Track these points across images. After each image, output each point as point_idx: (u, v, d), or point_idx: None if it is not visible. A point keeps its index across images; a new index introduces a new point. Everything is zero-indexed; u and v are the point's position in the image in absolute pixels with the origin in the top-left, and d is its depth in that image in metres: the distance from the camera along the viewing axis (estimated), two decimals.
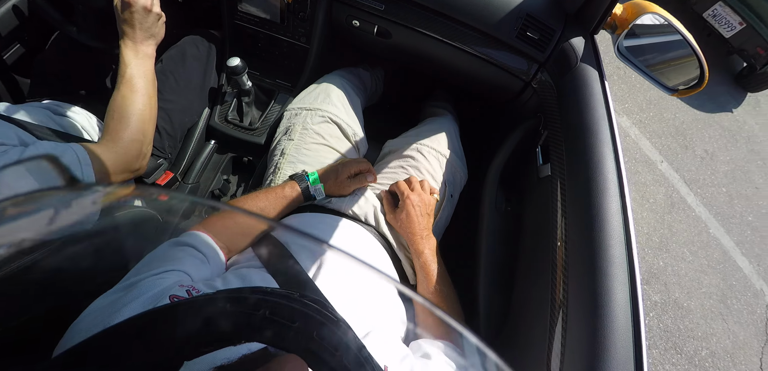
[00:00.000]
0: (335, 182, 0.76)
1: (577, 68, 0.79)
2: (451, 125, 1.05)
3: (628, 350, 0.49)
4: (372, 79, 1.24)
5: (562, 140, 0.74)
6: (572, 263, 0.59)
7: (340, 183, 0.76)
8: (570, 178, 0.68)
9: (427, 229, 0.75)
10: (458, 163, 0.94)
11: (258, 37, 1.09)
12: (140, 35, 0.73)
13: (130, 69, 0.71)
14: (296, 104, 0.92)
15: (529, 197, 0.88)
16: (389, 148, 0.97)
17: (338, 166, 0.79)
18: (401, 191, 0.77)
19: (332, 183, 0.76)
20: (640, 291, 0.53)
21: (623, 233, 0.58)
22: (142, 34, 0.74)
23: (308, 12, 0.99)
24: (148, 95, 0.73)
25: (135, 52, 0.73)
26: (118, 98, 0.69)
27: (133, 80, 0.71)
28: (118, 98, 0.69)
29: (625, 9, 0.78)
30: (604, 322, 0.51)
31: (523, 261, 0.82)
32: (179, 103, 0.99)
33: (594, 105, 0.73)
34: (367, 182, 0.80)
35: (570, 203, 0.66)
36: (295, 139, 0.86)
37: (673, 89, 0.81)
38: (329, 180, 0.76)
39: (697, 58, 0.74)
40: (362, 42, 1.07)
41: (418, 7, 0.90)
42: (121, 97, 0.69)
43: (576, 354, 0.51)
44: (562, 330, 0.55)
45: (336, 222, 0.73)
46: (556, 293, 0.60)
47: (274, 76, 1.12)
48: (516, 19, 0.85)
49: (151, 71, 0.75)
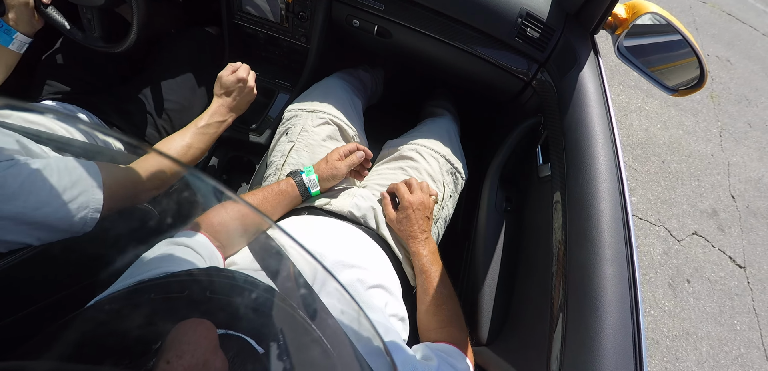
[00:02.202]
0: (327, 167, 0.76)
1: (576, 68, 0.79)
2: (451, 125, 1.05)
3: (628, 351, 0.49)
4: (372, 80, 1.24)
5: (562, 140, 0.74)
6: (572, 264, 0.59)
7: (332, 166, 0.76)
8: (570, 178, 0.68)
9: (427, 231, 0.75)
10: (458, 163, 0.94)
11: (258, 36, 1.09)
12: (232, 104, 0.82)
13: (206, 121, 0.78)
14: (296, 106, 0.92)
15: (529, 197, 0.88)
16: (389, 148, 0.97)
17: (327, 154, 0.79)
18: (401, 193, 0.76)
19: (324, 168, 0.76)
20: (640, 292, 0.53)
21: (623, 234, 0.58)
22: (233, 104, 0.82)
23: (308, 12, 0.99)
24: (200, 152, 0.78)
25: (220, 114, 0.81)
26: (186, 136, 0.75)
27: (201, 136, 0.78)
28: (187, 137, 0.75)
29: (625, 9, 0.78)
30: (604, 324, 0.50)
31: (523, 262, 0.82)
32: (179, 103, 0.99)
33: (594, 105, 0.73)
34: (358, 160, 0.79)
35: (570, 204, 0.66)
36: (294, 140, 0.85)
37: (673, 89, 0.81)
38: (321, 167, 0.76)
39: (697, 58, 0.74)
40: (362, 42, 1.07)
41: (418, 7, 0.90)
42: (185, 138, 0.75)
43: (576, 355, 0.51)
44: (562, 331, 0.55)
45: (334, 224, 0.72)
46: (556, 294, 0.60)
47: (274, 76, 1.12)
48: (516, 19, 0.85)
49: (217, 136, 0.81)
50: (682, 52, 0.76)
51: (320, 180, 0.75)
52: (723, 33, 3.66)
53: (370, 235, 0.75)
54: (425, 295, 0.70)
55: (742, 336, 1.92)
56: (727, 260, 2.17)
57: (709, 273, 2.08)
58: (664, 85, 0.82)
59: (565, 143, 0.73)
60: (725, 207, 2.39)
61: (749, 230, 2.33)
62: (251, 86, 0.84)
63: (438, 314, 0.67)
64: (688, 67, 0.77)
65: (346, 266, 0.61)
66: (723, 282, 2.07)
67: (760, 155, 2.75)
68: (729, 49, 3.50)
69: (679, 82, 0.80)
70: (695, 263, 2.09)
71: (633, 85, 2.78)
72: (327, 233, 0.69)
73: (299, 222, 0.72)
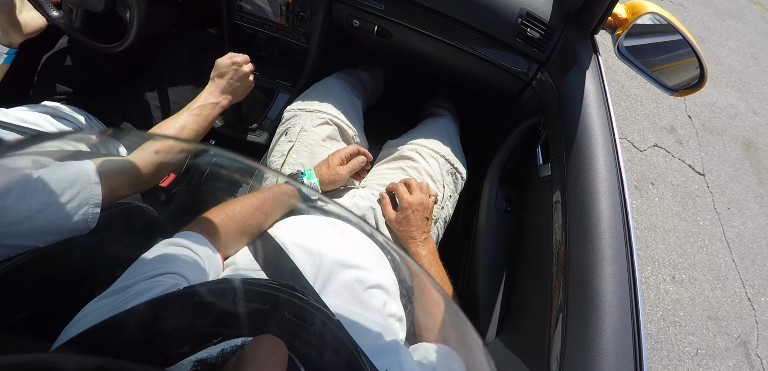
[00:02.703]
0: (328, 171, 0.76)
1: (576, 68, 0.79)
2: (451, 125, 1.05)
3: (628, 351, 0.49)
4: (372, 80, 1.24)
5: (562, 140, 0.74)
6: (572, 265, 0.59)
7: (334, 172, 0.76)
8: (570, 178, 0.68)
9: (426, 232, 0.75)
10: (458, 163, 0.94)
11: (257, 36, 1.09)
12: (225, 86, 0.81)
13: (200, 103, 0.77)
14: (295, 105, 0.92)
15: (529, 197, 0.87)
16: (389, 148, 0.96)
17: (328, 157, 0.79)
18: (400, 193, 0.76)
19: (326, 173, 0.76)
20: (640, 292, 0.53)
21: (623, 234, 0.58)
22: (226, 86, 0.81)
23: (308, 12, 0.98)
24: (195, 134, 0.76)
25: (214, 96, 0.80)
26: (180, 118, 0.74)
27: (196, 117, 0.76)
28: (181, 119, 0.74)
29: (625, 9, 0.78)
30: (604, 324, 0.50)
31: (523, 262, 0.82)
32: (179, 102, 0.99)
33: (594, 105, 0.73)
34: (359, 164, 0.79)
35: (570, 204, 0.66)
36: (293, 140, 0.85)
37: (673, 89, 0.81)
38: (322, 171, 0.76)
39: (697, 58, 0.74)
40: (362, 42, 1.07)
41: (418, 7, 0.90)
42: (179, 119, 0.74)
43: (576, 355, 0.51)
44: (562, 331, 0.55)
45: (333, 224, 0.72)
46: (556, 294, 0.60)
47: (274, 76, 1.12)
48: (516, 19, 0.85)
49: (212, 119, 0.80)
50: (682, 52, 0.76)
51: (321, 184, 0.75)
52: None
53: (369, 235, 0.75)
54: (422, 296, 0.70)
55: (706, 231, 2.16)
56: (687, 168, 2.41)
57: (671, 178, 2.31)
58: (664, 85, 0.82)
59: (565, 143, 0.73)
60: (683, 125, 2.63)
61: (706, 145, 2.57)
62: (246, 72, 0.83)
63: (435, 314, 0.67)
64: (688, 67, 0.77)
65: (345, 266, 0.61)
66: (684, 185, 2.32)
67: (713, 84, 3.01)
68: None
69: (679, 81, 0.80)
70: (658, 170, 2.33)
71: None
72: (326, 232, 0.69)
73: (298, 222, 0.72)
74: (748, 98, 2.99)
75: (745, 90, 3.03)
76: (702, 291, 1.94)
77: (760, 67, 3.21)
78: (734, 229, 2.21)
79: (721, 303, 1.93)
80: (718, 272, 2.03)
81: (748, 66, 3.19)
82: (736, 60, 3.23)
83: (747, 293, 2.01)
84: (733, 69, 3.15)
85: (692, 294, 1.92)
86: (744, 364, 1.79)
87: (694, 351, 1.76)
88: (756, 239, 2.21)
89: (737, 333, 1.86)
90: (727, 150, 2.58)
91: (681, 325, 1.82)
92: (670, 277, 1.94)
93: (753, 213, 2.32)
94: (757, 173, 2.53)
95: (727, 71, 3.13)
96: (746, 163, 2.56)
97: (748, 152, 2.63)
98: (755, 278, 2.07)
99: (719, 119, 2.77)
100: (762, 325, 1.92)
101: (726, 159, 2.53)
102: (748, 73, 3.15)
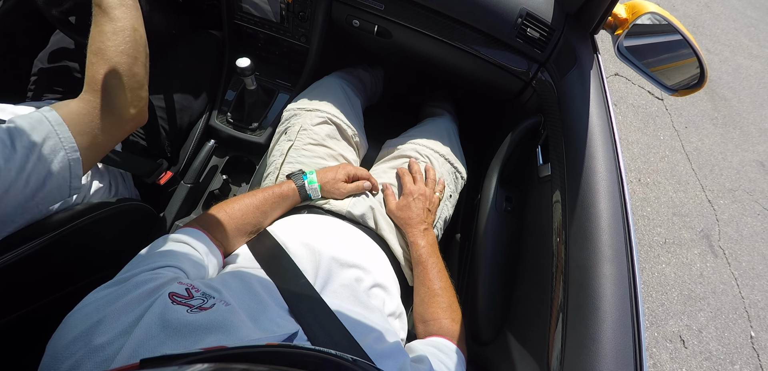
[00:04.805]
0: (332, 183, 0.76)
1: (576, 68, 0.79)
2: (451, 125, 1.05)
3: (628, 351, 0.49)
4: (372, 79, 1.24)
5: (562, 140, 0.74)
6: (572, 264, 0.59)
7: (337, 184, 0.76)
8: (570, 178, 0.68)
9: (426, 222, 0.75)
10: (458, 163, 0.94)
11: (258, 36, 1.09)
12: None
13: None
14: (295, 105, 0.92)
15: (529, 197, 0.87)
16: (389, 148, 0.97)
17: (337, 167, 0.78)
18: (404, 180, 0.76)
19: (329, 184, 0.76)
20: (640, 292, 0.53)
21: (623, 234, 0.58)
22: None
23: (308, 12, 0.99)
24: (132, 26, 0.60)
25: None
26: (95, 34, 0.58)
27: (111, 10, 0.59)
28: (95, 34, 0.58)
29: (625, 9, 0.78)
30: (604, 324, 0.50)
31: (524, 261, 0.81)
32: (179, 102, 0.99)
33: (594, 105, 0.73)
34: (364, 189, 0.79)
35: (570, 204, 0.66)
36: (293, 139, 0.85)
37: (673, 89, 0.81)
38: (326, 180, 0.76)
39: (697, 58, 0.74)
40: (362, 42, 1.07)
41: (418, 7, 0.90)
42: (98, 32, 0.57)
43: (576, 355, 0.51)
44: (562, 331, 0.55)
45: (333, 223, 0.72)
46: (556, 294, 0.60)
47: (273, 76, 1.12)
48: (516, 19, 0.85)
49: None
50: (682, 52, 0.76)
51: (322, 191, 0.76)
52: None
53: (369, 234, 0.75)
54: (421, 286, 0.70)
55: (666, 144, 2.43)
56: (646, 93, 2.64)
57: (632, 100, 2.57)
58: (664, 85, 0.82)
59: (565, 143, 0.73)
60: None
61: None
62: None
63: (432, 305, 0.67)
64: (688, 66, 0.77)
65: (345, 265, 0.61)
66: (645, 107, 2.57)
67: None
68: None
69: (679, 81, 0.80)
70: (619, 94, 2.58)
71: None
72: (326, 232, 0.69)
73: (298, 221, 0.72)
74: (701, 39, 3.26)
75: (699, 33, 3.32)
76: (666, 193, 2.18)
77: (712, 14, 3.55)
78: (692, 144, 2.48)
79: (683, 202, 2.17)
80: (680, 178, 2.28)
81: (701, 13, 3.53)
82: (690, 7, 3.55)
83: (707, 196, 2.25)
84: (688, 14, 3.47)
85: (657, 194, 2.16)
86: (708, 253, 2.02)
87: (662, 241, 2.00)
88: (713, 154, 2.47)
89: (700, 228, 2.10)
90: None
91: (649, 219, 2.06)
92: (637, 180, 2.19)
93: (709, 132, 2.59)
94: (711, 100, 2.81)
95: (682, 16, 3.43)
96: (701, 92, 2.72)
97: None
98: (714, 184, 2.32)
99: None
100: (722, 223, 2.16)
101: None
102: (702, 19, 3.46)
